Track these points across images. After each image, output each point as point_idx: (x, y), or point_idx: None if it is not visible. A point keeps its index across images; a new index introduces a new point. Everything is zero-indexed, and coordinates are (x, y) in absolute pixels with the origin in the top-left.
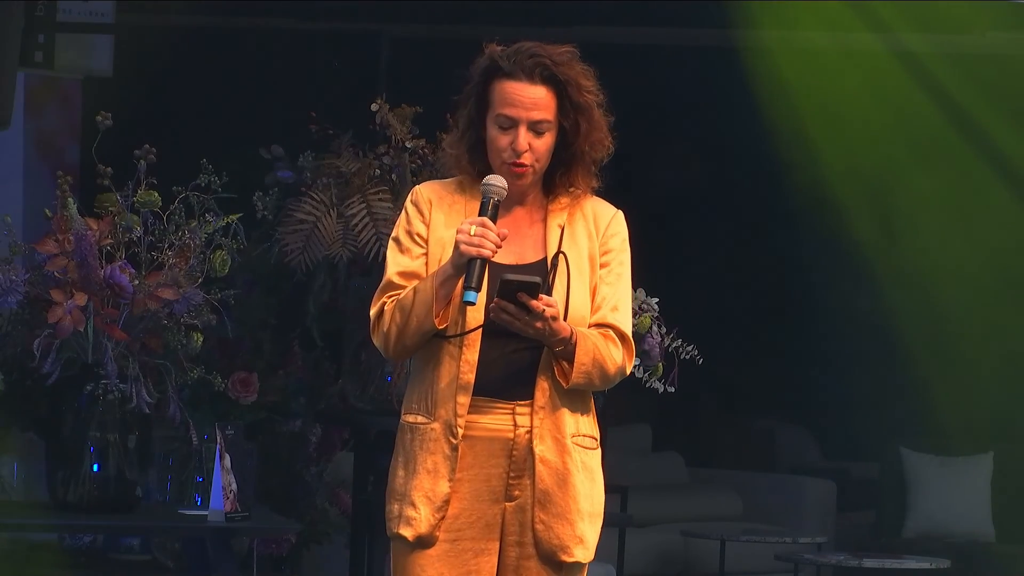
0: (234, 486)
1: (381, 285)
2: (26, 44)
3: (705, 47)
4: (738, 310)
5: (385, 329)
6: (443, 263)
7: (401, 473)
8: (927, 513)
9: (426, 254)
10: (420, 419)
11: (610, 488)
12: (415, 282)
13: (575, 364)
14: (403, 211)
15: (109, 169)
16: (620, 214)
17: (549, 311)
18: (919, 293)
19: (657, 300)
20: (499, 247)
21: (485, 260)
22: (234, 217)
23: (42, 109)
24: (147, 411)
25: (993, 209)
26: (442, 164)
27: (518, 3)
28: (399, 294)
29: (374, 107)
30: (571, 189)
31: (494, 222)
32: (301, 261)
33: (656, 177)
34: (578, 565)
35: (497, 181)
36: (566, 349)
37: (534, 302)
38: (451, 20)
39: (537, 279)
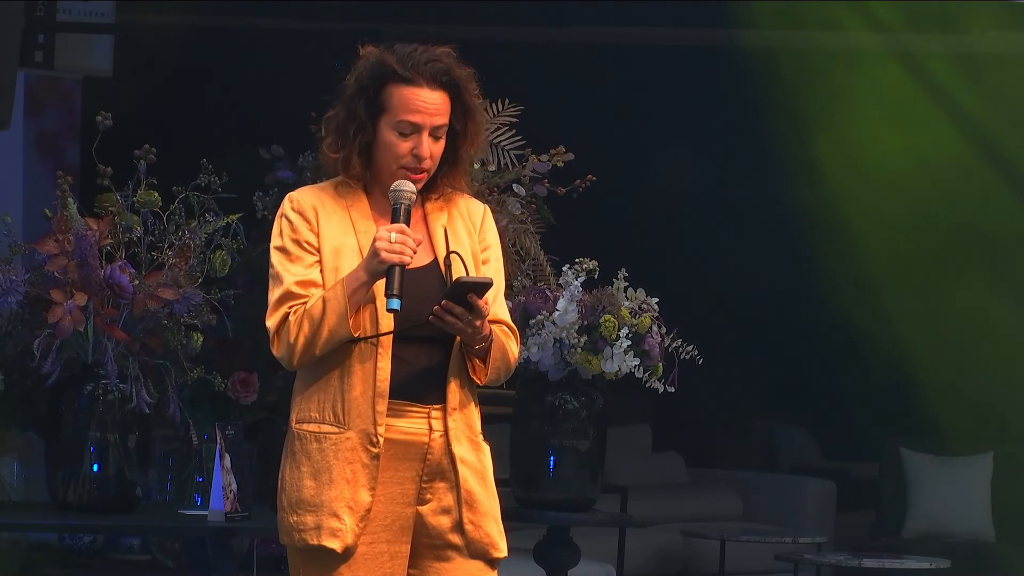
0: (234, 486)
1: (278, 296)
2: (26, 44)
3: (704, 47)
4: (738, 309)
5: (292, 339)
6: (352, 271)
7: (310, 483)
8: (927, 513)
9: (319, 262)
10: (328, 428)
11: (610, 488)
12: (313, 290)
13: (490, 361)
14: (283, 220)
15: (109, 169)
16: (488, 208)
17: (487, 308)
18: (920, 292)
19: (657, 300)
20: (415, 252)
21: (404, 266)
22: (234, 217)
23: (42, 109)
24: (147, 411)
25: (994, 211)
26: (323, 168)
27: (519, 3)
28: (302, 303)
29: None
30: (448, 190)
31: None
32: None
33: (655, 174)
34: (502, 560)
35: (407, 186)
36: (484, 347)
37: (481, 301)
38: (451, 20)
39: (490, 279)
